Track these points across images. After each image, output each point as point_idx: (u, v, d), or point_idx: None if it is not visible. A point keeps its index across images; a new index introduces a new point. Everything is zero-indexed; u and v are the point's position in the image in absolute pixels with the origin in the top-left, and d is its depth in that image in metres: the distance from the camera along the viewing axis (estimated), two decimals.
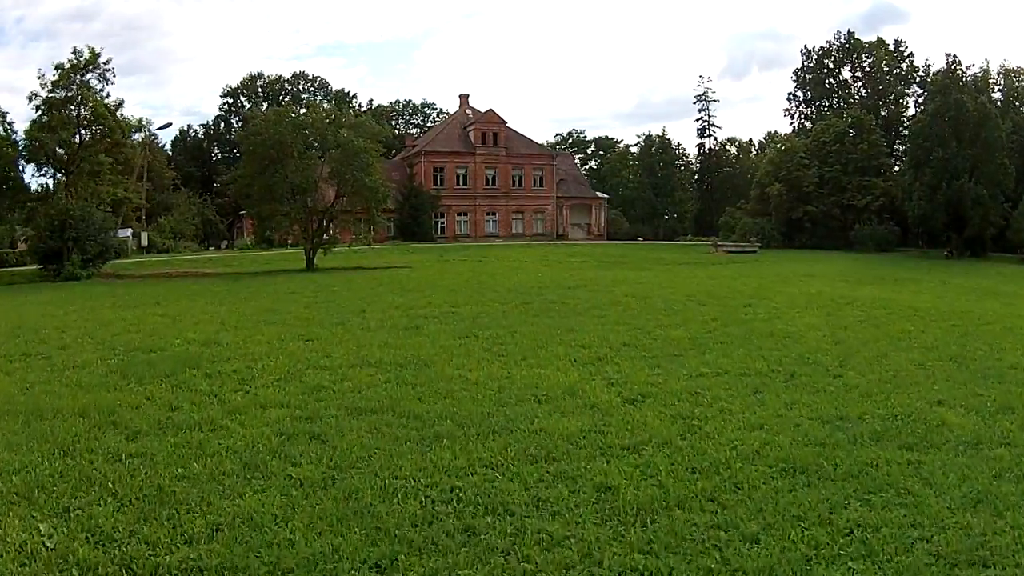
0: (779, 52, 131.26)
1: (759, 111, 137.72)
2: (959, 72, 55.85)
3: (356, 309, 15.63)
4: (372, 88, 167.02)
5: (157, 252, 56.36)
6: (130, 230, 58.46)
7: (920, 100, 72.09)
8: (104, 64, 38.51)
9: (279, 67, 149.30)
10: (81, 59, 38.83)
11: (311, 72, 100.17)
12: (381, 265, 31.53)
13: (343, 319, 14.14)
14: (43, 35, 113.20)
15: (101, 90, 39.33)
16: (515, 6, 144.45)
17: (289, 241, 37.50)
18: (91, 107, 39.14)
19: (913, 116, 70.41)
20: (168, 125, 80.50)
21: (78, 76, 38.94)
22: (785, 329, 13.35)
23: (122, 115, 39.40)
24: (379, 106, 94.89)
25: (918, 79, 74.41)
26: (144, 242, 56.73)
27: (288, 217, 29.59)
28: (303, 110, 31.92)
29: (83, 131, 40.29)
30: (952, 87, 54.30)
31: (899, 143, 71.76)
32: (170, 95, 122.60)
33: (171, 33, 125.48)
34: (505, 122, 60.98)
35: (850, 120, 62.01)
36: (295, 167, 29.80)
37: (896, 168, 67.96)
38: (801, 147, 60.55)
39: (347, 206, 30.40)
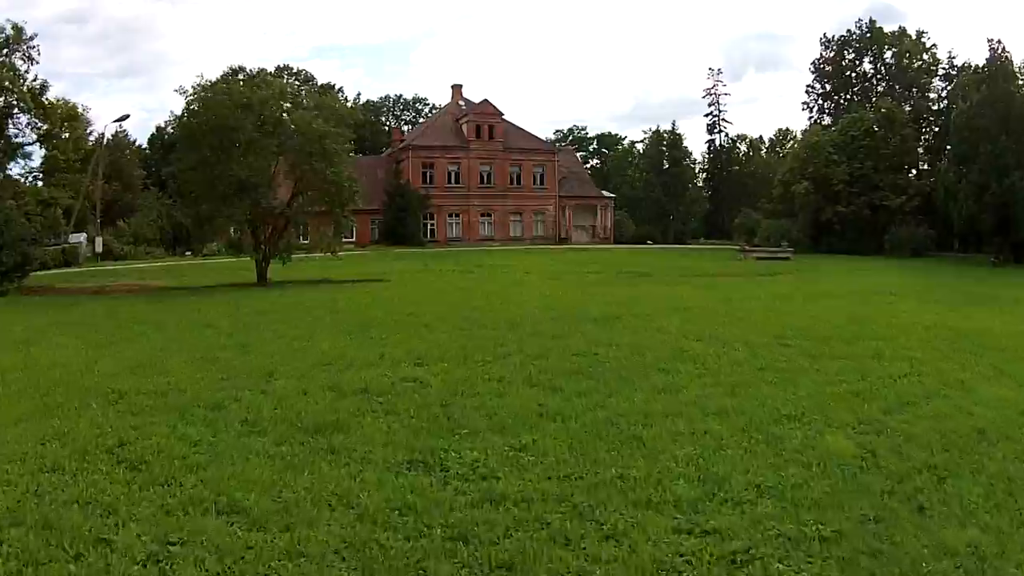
0: (775, 53, 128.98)
1: (757, 112, 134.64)
2: (1006, 60, 50.36)
3: (264, 369, 9.76)
4: (368, 90, 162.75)
5: (114, 259, 50.54)
6: (83, 235, 52.64)
7: (943, 93, 67.27)
8: (28, 41, 32.71)
9: (272, 67, 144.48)
10: (3, 36, 33.06)
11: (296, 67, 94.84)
12: (351, 278, 25.65)
13: (228, 396, 8.26)
14: (39, 37, 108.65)
15: (26, 71, 33.63)
16: (512, 8, 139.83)
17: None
18: (15, 93, 33.36)
19: (942, 109, 65.25)
20: (126, 117, 74.36)
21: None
22: (991, 417, 7.69)
23: (49, 100, 33.45)
24: (368, 101, 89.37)
25: (942, 72, 69.01)
26: (98, 248, 50.89)
27: (231, 220, 23.60)
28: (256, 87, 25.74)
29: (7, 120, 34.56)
30: (999, 75, 48.82)
31: (925, 138, 66.35)
32: (165, 98, 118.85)
33: (165, 35, 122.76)
34: (502, 114, 55.01)
35: (880, 113, 56.29)
36: (241, 157, 23.91)
37: (924, 165, 62.65)
38: (828, 142, 54.77)
39: (306, 205, 24.41)
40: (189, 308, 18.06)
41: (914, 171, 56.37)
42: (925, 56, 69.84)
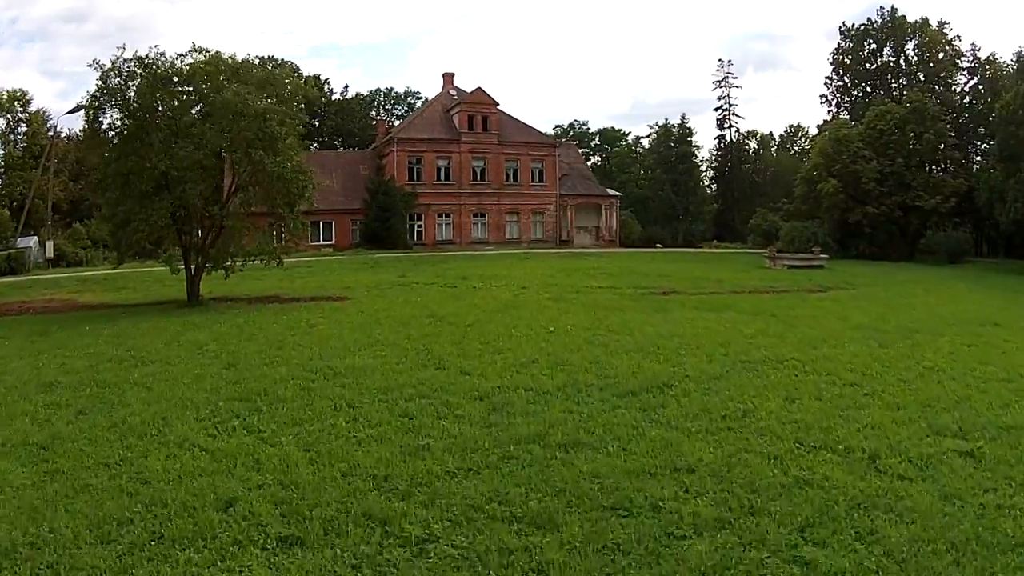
0: (773, 53, 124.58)
1: (756, 112, 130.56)
2: None
3: (12, 535, 4.79)
4: (365, 89, 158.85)
5: (67, 265, 45.59)
6: (34, 238, 47.62)
7: (967, 87, 62.71)
8: None
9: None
10: None
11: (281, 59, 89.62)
12: (306, 294, 20.62)
13: None
14: (37, 36, 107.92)
15: None
16: (511, 9, 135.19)
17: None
18: None
19: (966, 104, 60.60)
20: (79, 108, 68.63)
21: None
22: None
23: None
24: (358, 94, 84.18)
25: (966, 65, 64.33)
26: (49, 253, 45.86)
27: (147, 224, 18.49)
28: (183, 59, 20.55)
29: None
30: None
31: (951, 135, 61.51)
32: None
33: (164, 35, 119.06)
34: (497, 103, 49.79)
35: (909, 105, 51.19)
36: (162, 146, 18.91)
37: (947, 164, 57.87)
38: (856, 136, 49.66)
39: (241, 206, 19.19)
40: (64, 346, 13.14)
41: (953, 169, 51.33)
42: (947, 48, 65.33)
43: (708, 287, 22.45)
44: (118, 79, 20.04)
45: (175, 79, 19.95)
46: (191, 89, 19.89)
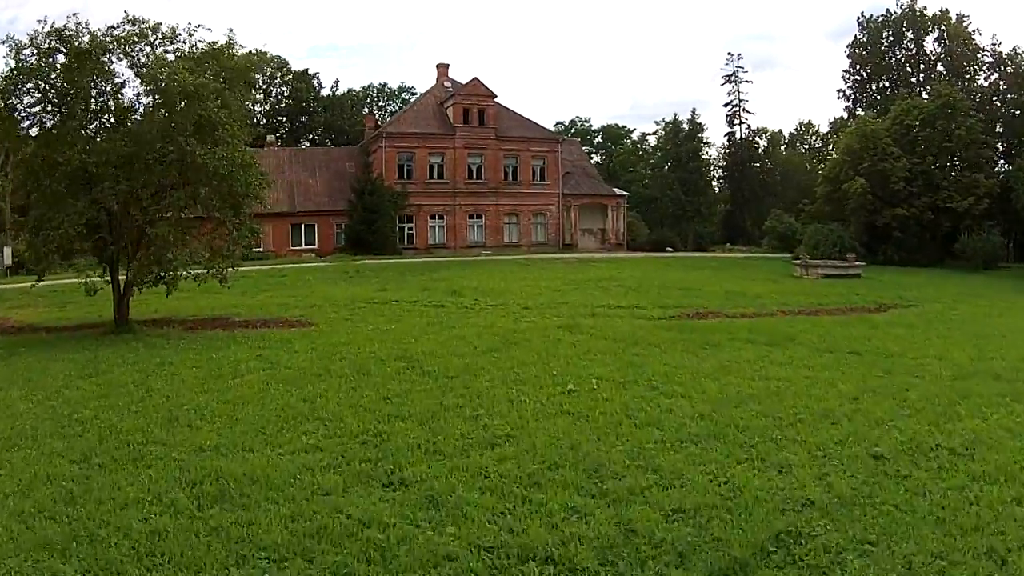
0: (772, 53, 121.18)
1: (755, 112, 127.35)
2: None
3: None
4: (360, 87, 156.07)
5: (28, 273, 41.74)
6: None
7: (987, 82, 59.20)
8: None
9: None
10: None
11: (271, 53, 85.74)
12: (260, 317, 16.98)
13: None
14: None
15: None
16: (511, 10, 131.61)
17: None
18: None
19: (983, 100, 57.07)
20: None
21: None
22: None
23: None
24: (350, 90, 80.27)
25: (987, 60, 60.74)
26: (7, 261, 41.94)
27: (58, 232, 14.76)
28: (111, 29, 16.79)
29: None
30: None
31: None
32: None
33: None
34: (495, 95, 46.03)
35: (939, 99, 47.52)
36: (80, 135, 15.28)
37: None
38: (883, 132, 45.97)
39: (170, 208, 15.32)
40: None
41: (986, 168, 47.70)
42: (966, 42, 61.84)
43: (747, 305, 18.73)
44: (35, 57, 16.35)
45: (103, 54, 16.26)
46: (125, 65, 16.21)
